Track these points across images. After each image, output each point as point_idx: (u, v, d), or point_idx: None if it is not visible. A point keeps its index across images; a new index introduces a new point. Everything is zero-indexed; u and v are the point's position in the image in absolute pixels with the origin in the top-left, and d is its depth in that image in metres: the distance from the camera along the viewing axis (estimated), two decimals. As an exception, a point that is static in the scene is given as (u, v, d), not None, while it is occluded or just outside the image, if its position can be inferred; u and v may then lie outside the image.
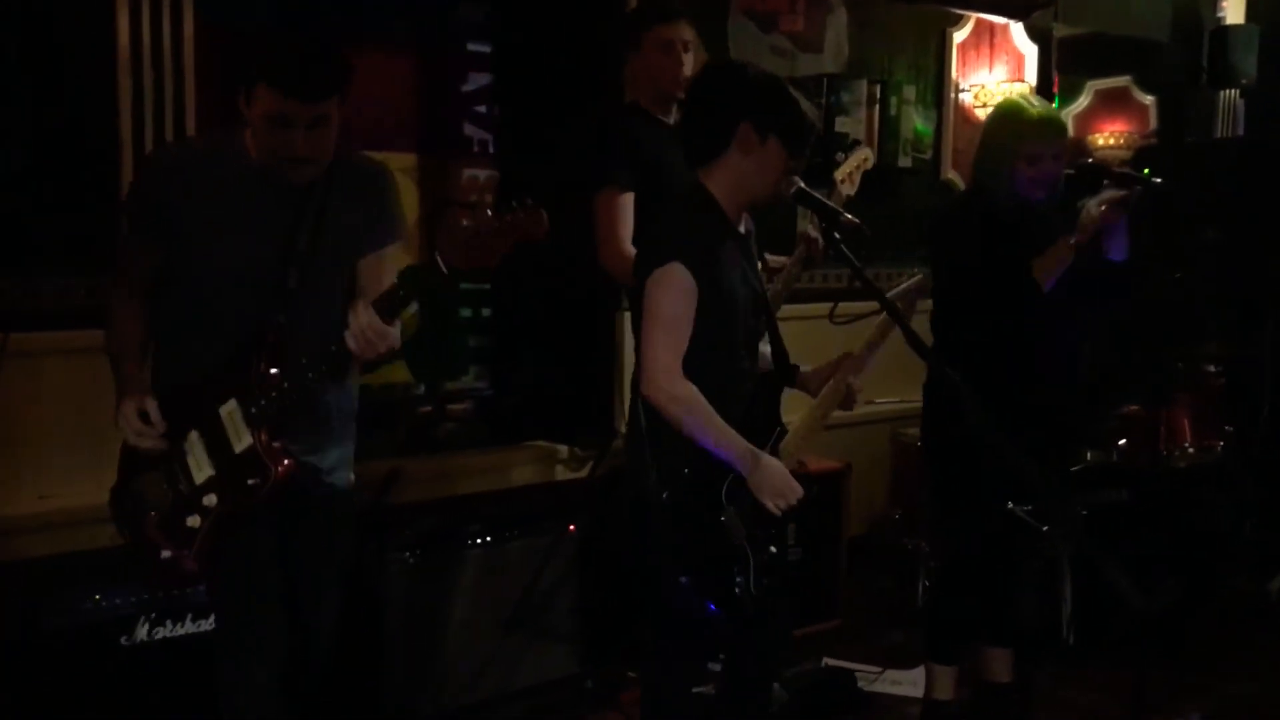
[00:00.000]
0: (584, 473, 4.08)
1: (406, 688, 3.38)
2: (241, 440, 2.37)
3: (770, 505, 2.55)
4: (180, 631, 2.98)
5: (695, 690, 2.82)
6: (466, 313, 4.53)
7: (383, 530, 3.40)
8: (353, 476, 2.69)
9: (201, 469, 2.41)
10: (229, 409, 2.38)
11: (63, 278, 3.20)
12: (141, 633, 2.93)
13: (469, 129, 4.45)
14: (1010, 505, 2.97)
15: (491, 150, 4.49)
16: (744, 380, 2.70)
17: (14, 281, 3.12)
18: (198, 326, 2.46)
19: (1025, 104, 3.34)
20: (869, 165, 3.55)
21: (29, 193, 3.15)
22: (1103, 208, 3.17)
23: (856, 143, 4.66)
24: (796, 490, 2.58)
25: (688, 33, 3.49)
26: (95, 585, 2.91)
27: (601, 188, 3.39)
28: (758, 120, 2.59)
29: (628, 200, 3.37)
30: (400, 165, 4.08)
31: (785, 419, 2.72)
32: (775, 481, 2.55)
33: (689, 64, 3.46)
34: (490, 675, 3.53)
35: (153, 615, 2.95)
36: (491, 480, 3.98)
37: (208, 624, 2.99)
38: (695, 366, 2.57)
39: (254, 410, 2.36)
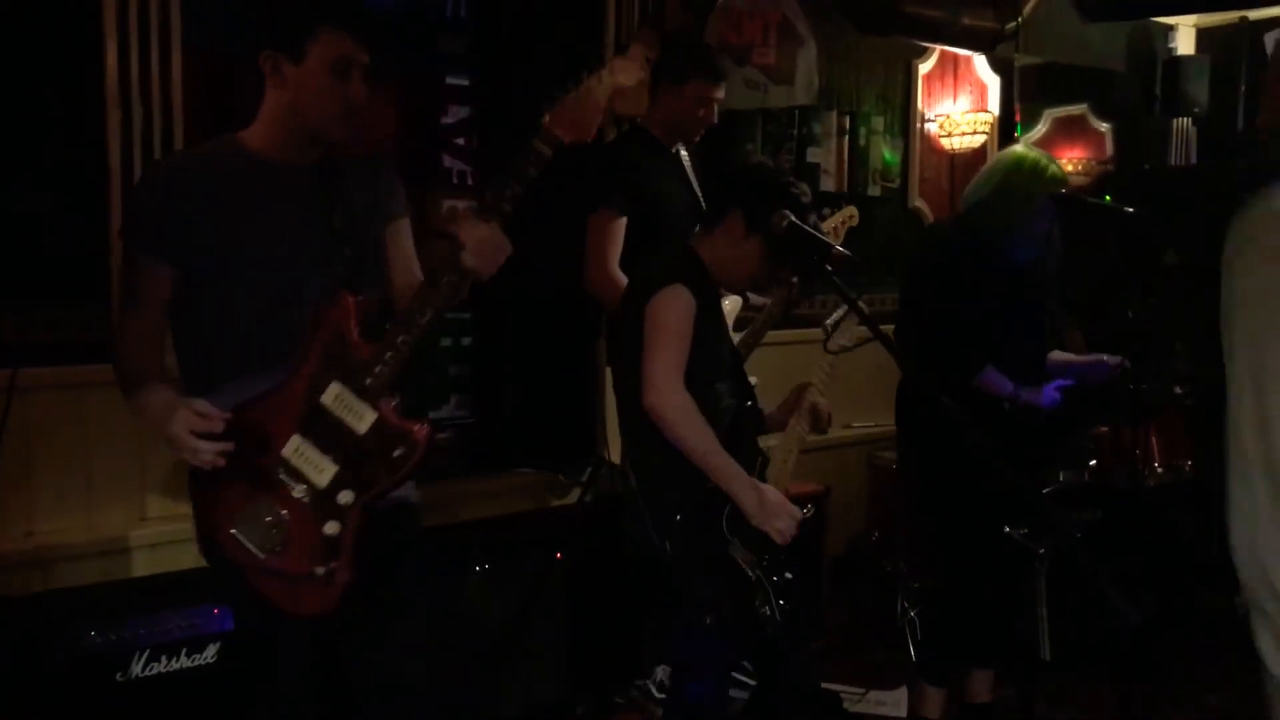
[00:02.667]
0: (570, 499, 4.11)
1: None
2: (364, 419, 2.19)
3: (774, 533, 2.61)
4: (175, 666, 2.95)
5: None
6: (447, 341, 4.54)
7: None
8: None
9: (323, 470, 2.18)
10: (333, 393, 2.19)
11: (53, 311, 3.17)
12: (137, 668, 2.90)
13: (448, 161, 4.47)
14: (1006, 529, 3.03)
15: (470, 182, 4.51)
16: (726, 408, 2.77)
17: (6, 316, 3.10)
18: (245, 336, 2.25)
19: (1046, 161, 3.33)
20: (854, 222, 3.70)
21: (19, 227, 3.12)
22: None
23: (843, 203, 4.79)
24: (795, 514, 2.65)
25: (723, 93, 3.60)
26: (89, 621, 2.87)
27: (597, 209, 3.44)
28: (749, 213, 2.71)
29: (620, 225, 3.42)
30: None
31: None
32: (778, 507, 2.62)
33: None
34: (480, 703, 3.53)
35: (147, 651, 2.92)
36: (477, 509, 3.98)
37: (203, 658, 2.98)
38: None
39: (369, 382, 2.18)
